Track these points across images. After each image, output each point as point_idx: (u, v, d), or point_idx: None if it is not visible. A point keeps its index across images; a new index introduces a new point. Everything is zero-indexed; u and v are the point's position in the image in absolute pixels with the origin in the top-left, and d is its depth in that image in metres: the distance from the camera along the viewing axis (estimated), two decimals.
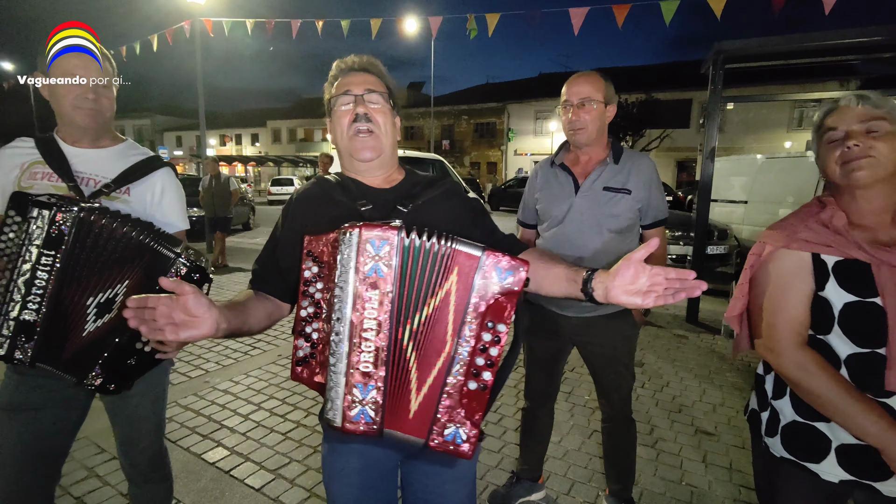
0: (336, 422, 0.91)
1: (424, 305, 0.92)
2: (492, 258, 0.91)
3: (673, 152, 24.46)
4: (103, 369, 1.22)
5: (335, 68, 1.19)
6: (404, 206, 1.10)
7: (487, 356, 0.91)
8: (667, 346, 4.25)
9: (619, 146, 1.84)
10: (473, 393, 0.92)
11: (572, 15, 5.62)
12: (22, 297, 1.17)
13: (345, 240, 0.89)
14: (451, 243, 0.91)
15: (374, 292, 0.89)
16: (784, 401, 1.15)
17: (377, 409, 0.91)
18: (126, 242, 1.20)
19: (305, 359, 0.99)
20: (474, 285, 0.90)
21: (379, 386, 0.90)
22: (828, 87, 18.65)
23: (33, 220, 1.15)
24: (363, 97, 1.12)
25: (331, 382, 0.91)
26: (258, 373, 3.57)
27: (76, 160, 1.37)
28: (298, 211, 1.12)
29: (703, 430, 2.83)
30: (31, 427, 1.33)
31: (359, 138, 1.11)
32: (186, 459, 2.46)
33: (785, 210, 7.18)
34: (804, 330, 1.09)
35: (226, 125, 44.08)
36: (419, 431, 0.93)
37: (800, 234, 1.11)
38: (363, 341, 0.89)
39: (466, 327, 0.91)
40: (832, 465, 1.07)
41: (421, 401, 0.93)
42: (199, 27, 8.53)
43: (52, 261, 1.16)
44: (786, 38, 4.33)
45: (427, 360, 0.93)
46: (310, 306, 0.98)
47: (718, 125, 4.80)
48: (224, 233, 7.62)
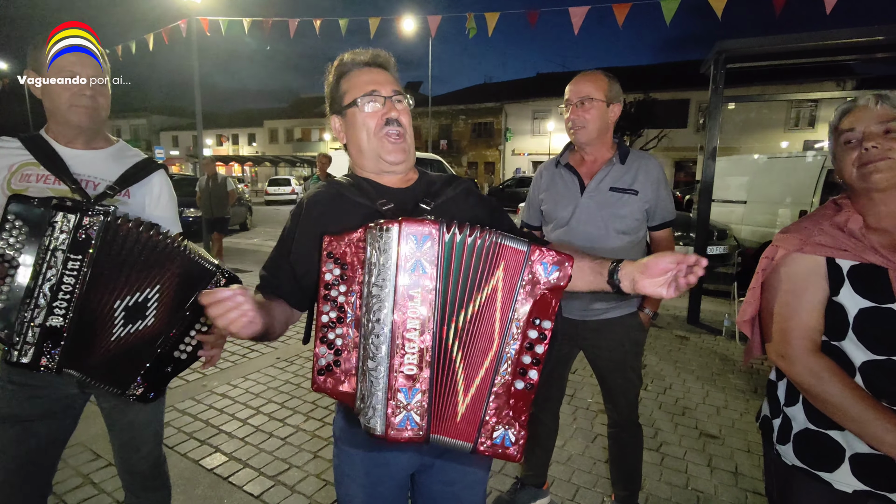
0: (378, 430, 0.86)
1: (470, 302, 0.89)
2: (538, 253, 0.89)
3: (670, 152, 24.49)
4: (145, 379, 1.25)
5: (347, 60, 1.12)
6: (427, 203, 1.07)
7: (534, 354, 0.89)
8: (668, 348, 4.22)
9: (625, 146, 1.81)
10: (521, 393, 0.89)
11: (572, 14, 5.58)
12: (48, 302, 1.15)
13: (382, 236, 0.85)
14: (497, 238, 0.89)
15: (416, 290, 0.85)
16: (797, 408, 1.12)
17: (423, 414, 0.86)
18: (153, 247, 1.21)
19: (329, 367, 0.93)
20: (521, 281, 0.88)
21: (424, 389, 0.86)
22: (825, 87, 18.72)
23: (57, 224, 1.13)
24: (392, 99, 1.08)
25: (370, 388, 0.87)
26: (256, 376, 3.52)
27: (73, 161, 1.33)
28: (313, 213, 1.06)
29: (707, 433, 2.80)
30: (25, 439, 1.30)
31: (391, 140, 1.07)
32: (184, 466, 2.42)
33: (784, 210, 7.20)
34: (818, 336, 1.07)
35: (222, 125, 43.89)
36: (467, 435, 0.90)
37: (814, 237, 1.08)
38: (406, 342, 0.85)
39: (514, 324, 0.88)
40: (846, 474, 1.04)
41: (469, 403, 0.89)
42: (195, 26, 8.46)
43: (80, 265, 1.15)
44: (788, 37, 4.32)
45: (474, 359, 0.89)
46: (332, 311, 0.93)
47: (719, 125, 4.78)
48: (221, 233, 7.56)
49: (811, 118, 21.88)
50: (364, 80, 1.09)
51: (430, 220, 0.87)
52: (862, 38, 3.99)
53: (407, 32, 8.58)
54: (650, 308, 1.87)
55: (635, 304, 1.86)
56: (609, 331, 1.83)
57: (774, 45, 4.37)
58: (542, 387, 1.99)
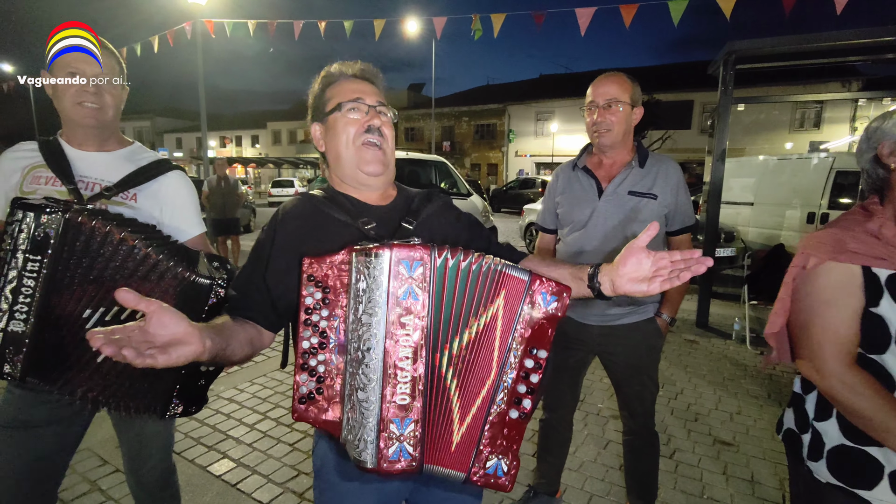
0: (369, 463, 0.82)
1: (465, 328, 0.87)
2: (538, 283, 0.88)
3: (674, 153, 24.37)
4: (182, 399, 1.20)
5: (335, 70, 1.11)
6: (409, 222, 1.05)
7: (529, 383, 0.88)
8: (678, 352, 4.18)
9: (644, 149, 1.77)
10: (514, 422, 0.88)
11: (579, 15, 5.56)
12: (9, 306, 1.07)
13: (371, 262, 0.82)
14: (498, 266, 0.88)
15: (408, 317, 0.82)
16: (829, 423, 1.08)
17: (416, 444, 0.84)
18: (128, 254, 1.09)
19: (311, 395, 0.89)
20: (521, 310, 0.88)
21: (417, 418, 0.84)
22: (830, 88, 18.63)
23: (18, 224, 1.06)
24: (377, 109, 1.06)
25: (360, 420, 0.83)
26: (263, 380, 3.49)
27: (81, 163, 1.31)
28: (290, 230, 1.01)
29: (721, 440, 2.76)
30: (33, 445, 1.27)
31: (369, 150, 1.04)
32: (192, 472, 2.39)
33: (792, 212, 7.14)
34: (853, 348, 1.02)
35: (226, 126, 44.01)
36: (461, 465, 0.88)
37: (848, 245, 1.03)
38: (398, 371, 0.82)
39: (512, 354, 0.87)
40: (885, 491, 1.00)
41: (464, 432, 0.87)
42: (200, 28, 8.47)
43: (39, 266, 1.06)
44: (800, 37, 4.27)
45: (470, 388, 0.88)
46: (313, 336, 0.89)
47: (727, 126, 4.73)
48: (235, 234, 7.62)
49: (817, 119, 21.76)
50: (350, 88, 1.07)
51: (420, 244, 0.85)
52: (877, 38, 3.95)
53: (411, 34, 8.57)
54: (668, 313, 1.83)
55: (652, 309, 1.82)
56: (625, 336, 1.79)
57: (786, 46, 4.33)
58: (553, 394, 1.97)
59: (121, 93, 1.36)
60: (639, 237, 0.92)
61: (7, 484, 1.25)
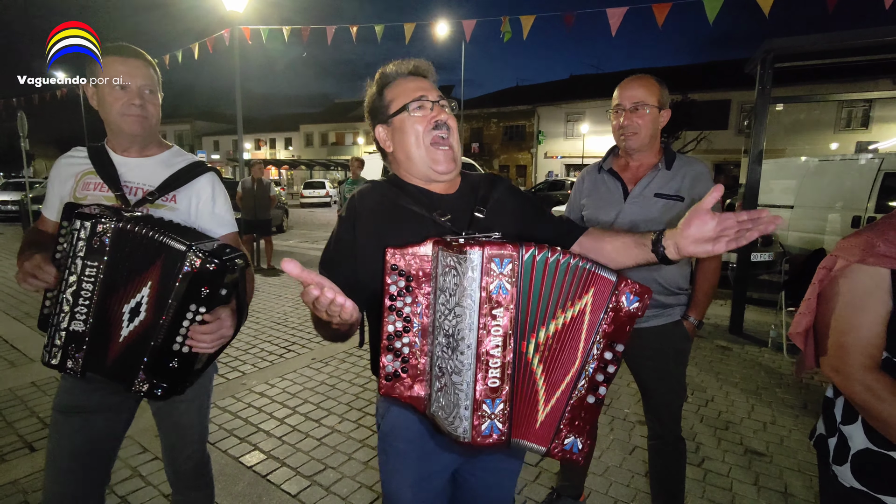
0: (465, 437, 0.91)
1: (552, 319, 0.94)
2: (624, 283, 0.96)
3: (710, 154, 23.68)
4: (147, 374, 1.19)
5: (390, 71, 1.14)
6: (480, 211, 1.10)
7: (606, 373, 0.97)
8: (709, 358, 4.07)
9: (672, 151, 1.75)
10: (590, 406, 0.98)
11: (610, 15, 5.49)
12: (70, 307, 1.17)
13: (464, 260, 0.88)
14: (589, 265, 0.95)
15: (499, 310, 0.89)
16: (855, 427, 1.06)
17: (505, 421, 0.92)
18: (147, 245, 1.17)
19: (396, 373, 0.98)
20: (607, 307, 0.96)
21: (506, 399, 0.92)
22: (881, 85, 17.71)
23: (76, 232, 1.16)
24: (440, 103, 1.09)
25: (455, 399, 0.91)
26: (293, 376, 3.59)
27: (124, 169, 1.39)
28: (369, 221, 1.07)
29: (753, 449, 2.68)
30: (85, 429, 1.36)
31: (440, 150, 1.08)
32: (225, 462, 2.49)
33: (835, 215, 6.83)
34: (878, 352, 1.00)
35: (260, 129, 45.29)
36: (543, 441, 0.97)
37: (878, 248, 1.01)
38: (490, 358, 0.90)
39: (595, 346, 0.96)
40: None
41: (548, 412, 0.96)
42: (237, 35, 8.77)
43: (96, 272, 1.16)
44: (843, 34, 4.09)
45: (555, 374, 0.96)
46: (398, 321, 0.97)
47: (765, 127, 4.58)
48: (267, 235, 7.84)
49: (864, 118, 20.71)
50: (410, 86, 1.11)
51: (509, 242, 0.90)
52: None
53: (441, 37, 8.63)
54: (695, 316, 1.80)
55: (679, 312, 1.80)
56: (652, 339, 1.77)
57: (828, 43, 4.16)
58: None
59: (159, 100, 1.43)
60: (704, 199, 0.93)
61: (64, 465, 1.35)
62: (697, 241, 0.94)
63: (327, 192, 26.03)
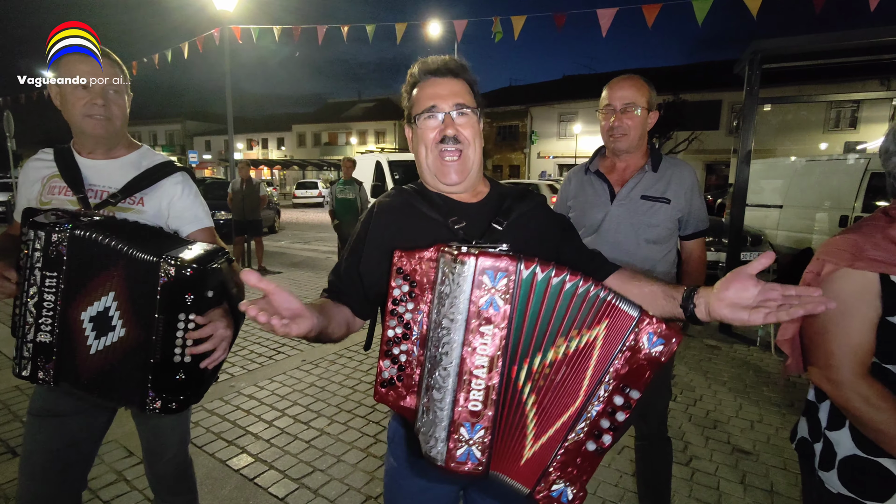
0: (439, 461, 0.85)
1: (550, 346, 0.86)
2: (647, 321, 0.85)
3: (702, 155, 23.84)
4: (156, 391, 1.16)
5: (417, 70, 1.09)
6: (499, 223, 1.04)
7: (613, 420, 0.86)
8: (698, 357, 4.09)
9: (658, 153, 1.76)
10: (589, 454, 0.87)
11: (600, 16, 5.51)
12: (34, 319, 1.15)
13: (456, 268, 0.82)
14: (605, 294, 0.85)
15: (488, 327, 0.82)
16: (842, 433, 1.05)
17: (484, 450, 0.85)
18: (103, 249, 1.13)
19: (391, 381, 0.93)
20: (623, 345, 0.85)
21: (487, 426, 0.84)
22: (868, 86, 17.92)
23: (31, 242, 1.12)
24: (451, 115, 1.04)
25: (433, 418, 0.85)
26: (282, 378, 3.57)
27: (90, 172, 1.34)
28: (383, 220, 1.06)
29: (740, 448, 2.70)
30: (60, 432, 1.34)
31: (445, 162, 1.04)
32: (211, 466, 2.47)
33: (823, 215, 6.90)
34: (868, 359, 0.99)
35: (252, 129, 45.01)
36: (527, 480, 0.89)
37: (866, 252, 0.99)
38: (473, 378, 0.83)
39: (602, 386, 0.86)
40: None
41: (537, 450, 0.88)
42: (227, 34, 8.70)
43: (56, 282, 1.13)
44: (829, 35, 4.14)
45: (550, 408, 0.87)
46: (398, 326, 0.92)
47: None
48: (257, 236, 7.76)
49: (853, 119, 20.94)
50: (426, 94, 1.06)
51: (508, 254, 0.83)
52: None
53: (433, 37, 8.62)
54: None
55: None
56: None
57: (815, 44, 4.20)
58: None
59: (126, 101, 1.37)
60: (751, 264, 0.83)
61: (38, 468, 1.33)
62: (733, 306, 0.85)
63: (320, 193, 25.95)
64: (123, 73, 1.36)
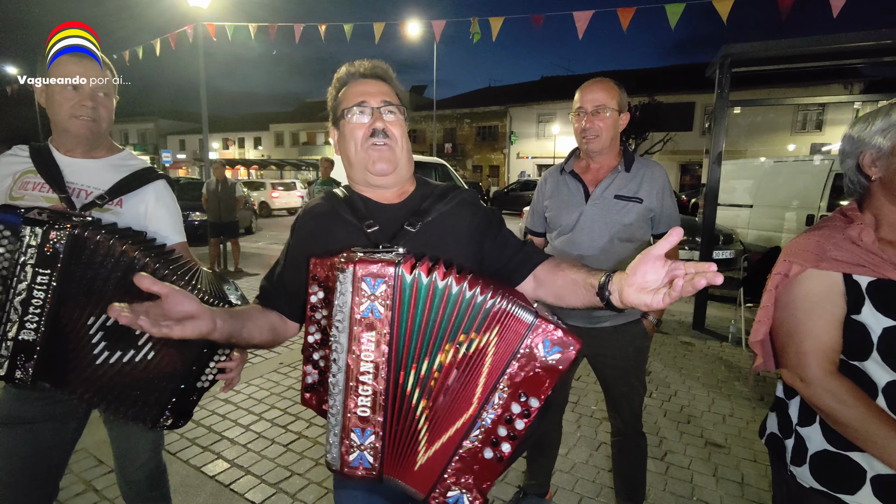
0: (335, 466, 0.87)
1: (438, 351, 0.85)
2: (542, 328, 0.81)
3: (676, 155, 24.40)
4: (174, 413, 1.25)
5: (344, 73, 1.11)
6: (412, 224, 1.02)
7: (512, 428, 0.84)
8: (673, 354, 4.19)
9: (630, 154, 1.79)
10: (487, 462, 0.85)
11: (576, 18, 5.58)
12: (19, 316, 1.13)
13: (340, 277, 0.82)
14: (491, 298, 0.83)
15: (370, 333, 0.82)
16: (812, 428, 1.08)
17: (376, 455, 0.86)
18: (127, 262, 1.15)
19: (314, 385, 0.95)
20: (516, 352, 0.82)
21: (378, 431, 0.86)
22: (832, 90, 18.59)
23: (26, 238, 1.11)
24: (380, 110, 1.05)
25: (330, 423, 0.87)
26: (259, 381, 3.52)
27: (69, 170, 1.33)
28: (306, 228, 1.06)
29: (712, 442, 2.77)
30: (29, 440, 1.30)
31: (375, 149, 1.04)
32: (186, 472, 2.41)
33: (791, 214, 7.14)
34: (836, 356, 1.02)
35: (229, 128, 44.17)
36: (422, 486, 0.89)
37: (829, 252, 1.03)
38: (360, 385, 0.84)
39: (497, 394, 0.83)
40: (868, 496, 1.00)
41: (430, 456, 0.88)
42: (201, 31, 8.52)
43: (49, 280, 1.12)
44: (795, 41, 4.29)
45: (442, 415, 0.86)
46: (316, 332, 0.94)
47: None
48: (234, 237, 7.63)
49: (818, 121, 21.72)
50: (356, 91, 1.07)
51: (387, 259, 0.83)
52: (870, 41, 3.96)
53: (412, 37, 8.60)
54: (654, 315, 1.85)
55: (638, 311, 1.84)
56: (612, 338, 1.81)
57: (781, 49, 4.35)
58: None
59: (113, 104, 1.38)
60: (657, 244, 0.78)
61: (6, 477, 1.29)
62: (640, 291, 0.80)
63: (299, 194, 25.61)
64: (114, 76, 1.37)
